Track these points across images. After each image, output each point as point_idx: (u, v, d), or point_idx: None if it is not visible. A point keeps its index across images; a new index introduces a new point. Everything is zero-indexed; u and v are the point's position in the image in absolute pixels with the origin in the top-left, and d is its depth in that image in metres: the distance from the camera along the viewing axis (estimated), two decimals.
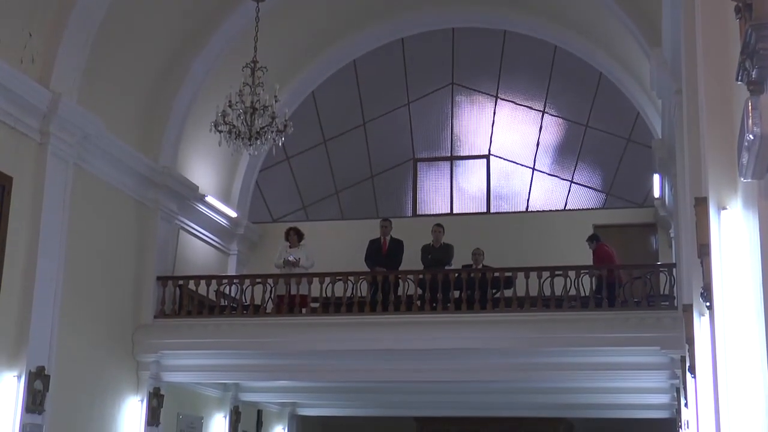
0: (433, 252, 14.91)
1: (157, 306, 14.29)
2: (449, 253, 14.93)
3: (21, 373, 11.03)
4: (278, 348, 13.82)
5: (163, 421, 14.08)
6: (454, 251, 14.94)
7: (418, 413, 17.89)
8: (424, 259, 14.84)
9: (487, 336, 13.02)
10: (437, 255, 14.83)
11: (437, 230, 15.13)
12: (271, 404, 18.10)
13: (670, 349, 12.15)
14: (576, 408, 16.72)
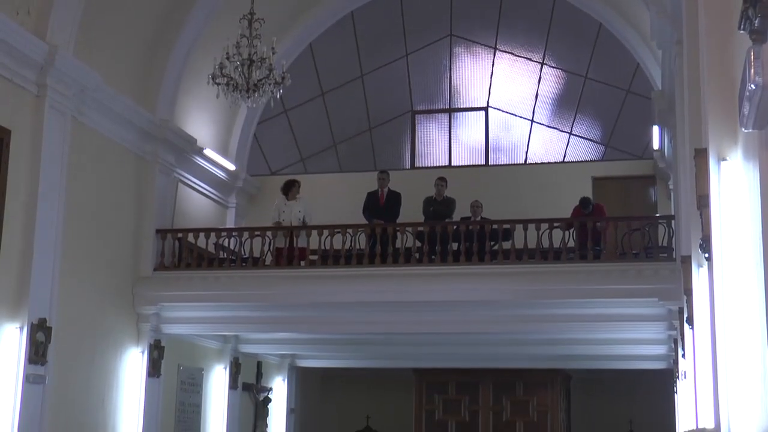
0: (435, 205, 14.93)
1: (157, 259, 14.33)
2: (451, 206, 14.95)
3: (23, 324, 11.11)
4: (277, 300, 13.88)
5: (164, 373, 14.19)
6: (456, 206, 14.97)
7: (416, 365, 18.01)
8: (425, 211, 14.86)
9: (485, 288, 13.07)
10: (439, 208, 14.85)
11: (440, 183, 15.14)
12: (270, 356, 18.22)
13: (668, 301, 12.20)
14: (573, 359, 16.84)
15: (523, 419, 17.90)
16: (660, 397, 17.18)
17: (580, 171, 17.19)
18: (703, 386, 7.22)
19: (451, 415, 18.22)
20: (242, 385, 16.86)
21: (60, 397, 11.85)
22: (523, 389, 18.02)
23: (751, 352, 4.36)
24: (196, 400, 15.54)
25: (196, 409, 15.51)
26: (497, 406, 18.05)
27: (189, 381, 15.40)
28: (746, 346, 4.40)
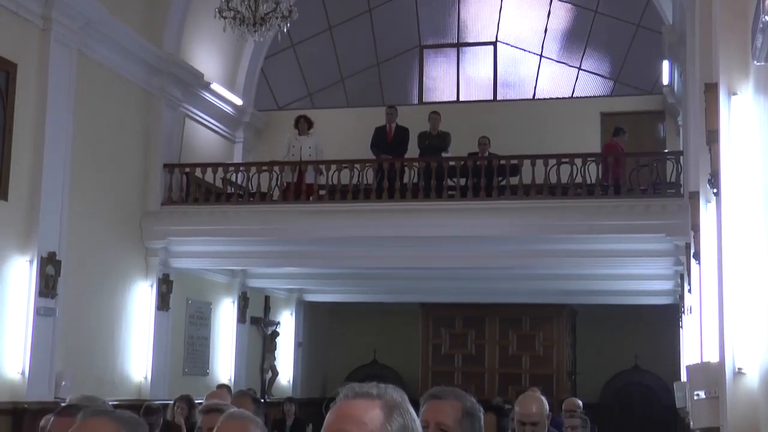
0: (430, 139, 14.89)
1: (164, 193, 14.36)
2: (446, 140, 14.92)
3: (33, 258, 11.19)
4: (285, 235, 13.93)
5: (173, 306, 14.32)
6: (451, 139, 14.92)
7: (423, 299, 18.14)
8: (421, 145, 14.85)
9: (492, 223, 13.09)
10: (434, 142, 14.82)
11: (434, 117, 15.11)
12: (278, 290, 18.35)
13: (675, 236, 12.22)
14: (580, 295, 16.94)
15: (529, 353, 18.06)
16: (665, 332, 17.29)
17: (589, 106, 17.10)
18: (709, 321, 7.27)
19: (457, 349, 18.39)
20: (250, 319, 17.01)
21: (70, 330, 11.98)
22: (529, 324, 18.16)
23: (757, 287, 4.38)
24: (204, 334, 15.70)
25: (204, 343, 15.68)
26: (503, 341, 18.21)
27: (197, 315, 15.55)
28: (752, 281, 4.42)
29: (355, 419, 2.21)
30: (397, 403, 2.26)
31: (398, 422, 2.24)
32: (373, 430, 2.20)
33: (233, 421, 3.47)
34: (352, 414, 2.22)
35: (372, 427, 2.20)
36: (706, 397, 5.67)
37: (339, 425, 2.21)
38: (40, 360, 11.14)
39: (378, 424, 2.21)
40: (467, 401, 3.43)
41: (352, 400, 2.25)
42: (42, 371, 11.16)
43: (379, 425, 2.21)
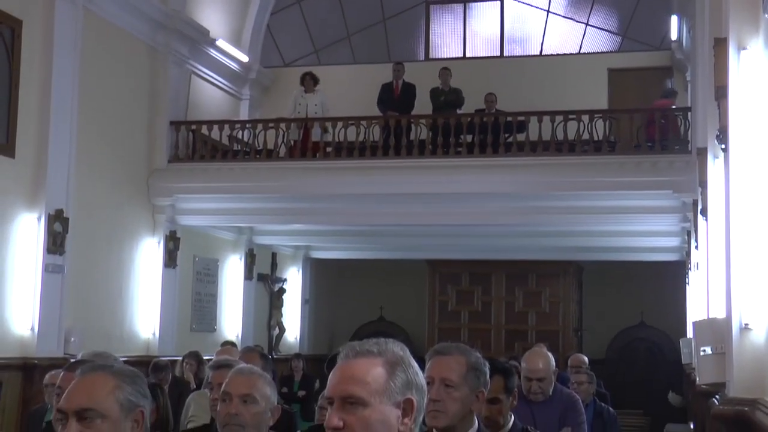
0: (444, 95, 14.83)
1: (171, 151, 14.35)
2: (460, 96, 14.87)
3: (40, 215, 11.23)
4: (291, 192, 13.94)
5: (180, 263, 14.37)
6: (464, 96, 14.88)
7: (429, 256, 18.17)
8: (435, 102, 14.78)
9: (499, 180, 13.07)
10: (449, 97, 14.76)
11: (445, 73, 15.03)
12: (285, 247, 18.39)
13: (683, 193, 12.20)
14: (586, 251, 16.96)
15: (536, 310, 18.12)
16: (671, 289, 17.32)
17: (596, 62, 17.00)
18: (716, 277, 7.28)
19: (464, 305, 18.46)
20: (257, 275, 17.07)
21: (78, 287, 12.04)
22: (535, 280, 18.20)
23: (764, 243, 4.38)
24: (212, 290, 15.77)
25: (212, 299, 15.75)
26: (510, 297, 18.26)
27: (205, 271, 15.61)
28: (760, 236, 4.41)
29: (358, 379, 2.22)
30: (399, 359, 2.27)
31: (401, 378, 2.25)
32: (376, 389, 2.21)
33: (242, 376, 3.50)
34: (354, 374, 2.23)
35: (375, 386, 2.21)
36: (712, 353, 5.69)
37: (342, 386, 2.22)
38: (49, 316, 11.22)
39: (381, 382, 2.22)
40: (472, 356, 3.44)
41: (354, 360, 2.26)
42: (51, 328, 11.24)
43: (382, 383, 2.22)
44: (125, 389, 2.52)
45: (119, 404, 2.49)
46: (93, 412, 2.44)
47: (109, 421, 2.46)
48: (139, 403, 2.56)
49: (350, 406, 2.20)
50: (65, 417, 2.46)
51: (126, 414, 2.51)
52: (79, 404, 2.44)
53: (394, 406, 2.22)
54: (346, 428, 2.19)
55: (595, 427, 7.28)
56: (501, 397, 4.06)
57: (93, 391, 2.47)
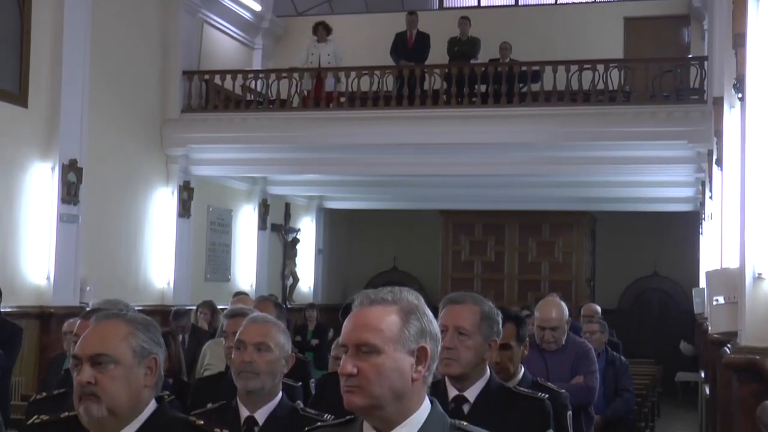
0: (460, 45, 14.72)
1: (184, 100, 14.32)
2: (476, 46, 14.76)
3: (54, 165, 11.26)
4: (304, 142, 13.92)
5: (194, 213, 14.41)
6: (481, 45, 14.77)
7: (443, 206, 18.18)
8: (450, 51, 14.68)
9: (513, 130, 13.02)
10: (464, 48, 14.65)
11: (463, 23, 14.91)
12: (298, 197, 18.42)
13: (698, 143, 12.14)
14: (600, 201, 16.94)
15: (549, 260, 18.15)
16: (684, 239, 17.31)
17: (612, 11, 16.82)
18: (729, 227, 7.27)
19: (477, 255, 18.50)
20: (271, 225, 17.12)
21: (93, 237, 12.10)
22: (549, 230, 18.20)
23: None
24: (225, 240, 15.83)
25: (226, 249, 15.82)
26: (523, 247, 18.28)
27: (218, 221, 15.66)
28: None
29: (373, 327, 2.23)
30: (413, 307, 2.28)
31: (415, 326, 2.26)
32: (390, 337, 2.22)
33: (256, 324, 3.52)
34: (369, 322, 2.24)
35: (389, 334, 2.23)
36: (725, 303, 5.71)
37: (357, 334, 2.24)
38: (65, 266, 11.30)
39: (395, 329, 2.23)
40: (485, 305, 3.46)
41: (368, 308, 2.27)
42: (67, 277, 11.33)
43: (396, 330, 2.23)
44: (138, 336, 2.54)
45: (132, 350, 2.51)
46: (106, 358, 2.47)
47: (122, 366, 2.49)
48: (152, 350, 2.58)
49: (364, 354, 2.22)
50: (80, 363, 2.49)
51: (139, 360, 2.53)
52: (92, 350, 2.47)
53: (407, 353, 2.23)
54: (360, 375, 2.21)
55: (607, 375, 7.32)
56: (512, 344, 4.08)
57: (106, 338, 2.50)
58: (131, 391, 2.52)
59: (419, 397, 2.27)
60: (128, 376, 2.51)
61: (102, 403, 2.47)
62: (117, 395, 2.49)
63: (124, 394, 2.50)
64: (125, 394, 2.51)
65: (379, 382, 2.20)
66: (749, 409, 4.41)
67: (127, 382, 2.51)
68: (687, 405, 15.68)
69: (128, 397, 2.51)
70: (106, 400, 2.47)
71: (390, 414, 2.22)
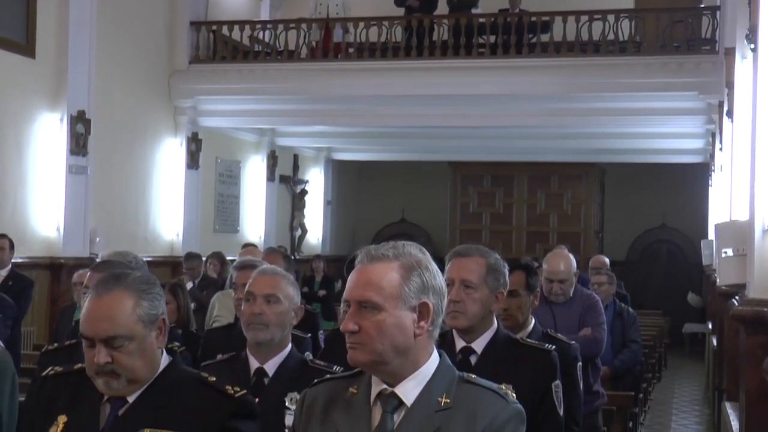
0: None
1: (192, 52, 14.25)
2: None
3: (63, 116, 11.25)
4: (313, 93, 13.87)
5: (202, 165, 14.41)
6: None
7: (452, 158, 18.15)
8: (449, 2, 14.58)
9: (522, 81, 12.94)
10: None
11: None
12: (307, 149, 18.40)
13: (708, 94, 12.06)
14: (609, 153, 16.88)
15: (557, 212, 18.15)
16: (693, 191, 17.28)
17: None
18: (739, 179, 7.25)
19: (485, 207, 18.50)
20: (279, 177, 17.13)
21: (102, 188, 12.13)
22: (557, 182, 18.18)
23: None
24: (234, 192, 15.85)
25: (234, 201, 15.85)
26: (532, 199, 18.27)
27: (227, 173, 15.67)
28: None
29: (373, 284, 2.24)
30: (415, 262, 2.28)
31: (416, 282, 2.26)
32: (391, 294, 2.23)
33: (266, 276, 3.53)
34: (370, 279, 2.25)
35: (390, 291, 2.23)
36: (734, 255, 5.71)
37: (358, 291, 2.25)
38: (75, 217, 11.34)
39: (396, 286, 2.24)
40: (491, 258, 3.46)
41: (369, 265, 2.27)
42: (76, 228, 11.37)
43: (397, 287, 2.24)
44: (143, 305, 2.53)
45: (142, 322, 2.52)
46: (120, 338, 2.48)
47: (136, 340, 2.50)
48: (158, 312, 2.58)
49: (365, 311, 2.23)
50: (92, 343, 2.50)
51: (149, 328, 2.54)
52: (105, 333, 2.48)
53: (409, 310, 2.24)
54: (362, 332, 2.22)
55: (615, 327, 7.36)
56: (521, 292, 4.08)
57: (115, 317, 2.49)
58: (147, 358, 2.55)
59: (426, 350, 2.28)
60: (142, 347, 2.53)
61: (121, 377, 2.50)
62: (135, 367, 2.52)
63: (141, 363, 2.53)
64: (142, 363, 2.53)
65: (380, 339, 2.21)
66: (756, 360, 4.43)
67: (142, 352, 2.53)
68: (694, 356, 15.77)
69: (145, 364, 2.54)
70: (125, 374, 2.51)
71: (395, 368, 2.24)
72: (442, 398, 2.24)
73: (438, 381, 2.26)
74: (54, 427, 2.56)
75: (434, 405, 2.23)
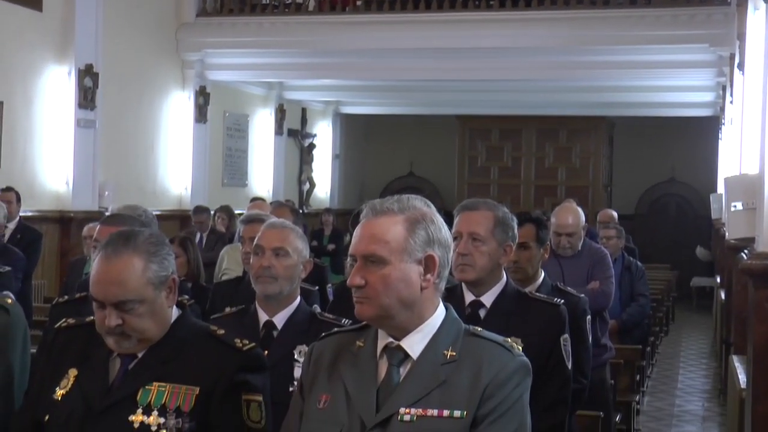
0: None
1: (199, 4, 14.15)
2: None
3: (70, 69, 11.21)
4: (321, 46, 13.79)
5: (210, 119, 14.38)
6: None
7: (460, 111, 18.08)
8: None
9: (531, 33, 12.83)
10: None
11: None
12: (315, 102, 18.35)
13: (719, 46, 11.95)
14: (618, 107, 16.79)
15: (566, 165, 18.12)
16: (703, 145, 17.22)
17: None
18: (750, 132, 7.21)
19: (493, 161, 18.48)
20: (287, 131, 17.10)
21: (111, 142, 12.12)
22: (566, 136, 18.12)
23: None
24: (242, 146, 15.84)
25: (242, 155, 15.84)
26: (540, 153, 18.24)
27: (235, 127, 15.64)
28: None
29: (379, 238, 2.23)
30: (420, 216, 2.28)
31: (422, 235, 2.26)
32: (396, 247, 2.23)
33: (274, 229, 3.53)
34: (374, 234, 2.24)
35: (395, 245, 2.23)
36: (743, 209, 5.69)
37: (364, 246, 2.25)
38: (84, 171, 11.35)
39: (401, 240, 2.24)
40: (499, 211, 3.46)
41: (374, 219, 2.27)
42: (85, 182, 11.39)
43: (402, 241, 2.24)
44: (152, 267, 2.52)
45: (152, 284, 2.52)
46: (130, 302, 2.48)
47: (146, 302, 2.51)
48: (168, 273, 2.57)
49: (371, 265, 2.23)
50: (102, 305, 2.50)
51: (159, 288, 2.54)
52: (115, 297, 2.48)
53: (415, 263, 2.24)
54: (368, 286, 2.22)
55: (623, 280, 7.37)
56: (531, 244, 4.08)
57: (125, 281, 2.48)
58: (158, 318, 2.55)
59: (432, 304, 2.29)
60: (153, 308, 2.53)
61: (132, 337, 2.52)
62: (147, 328, 2.53)
63: (152, 323, 2.54)
64: (153, 323, 2.54)
65: (386, 293, 2.22)
66: (764, 314, 4.44)
67: (153, 312, 2.53)
68: (701, 310, 15.80)
69: (155, 324, 2.55)
70: (137, 334, 2.52)
71: (401, 322, 2.25)
72: (448, 351, 2.24)
73: (444, 334, 2.27)
74: (65, 380, 2.58)
75: (440, 358, 2.24)
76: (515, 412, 2.19)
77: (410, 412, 2.18)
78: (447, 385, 2.20)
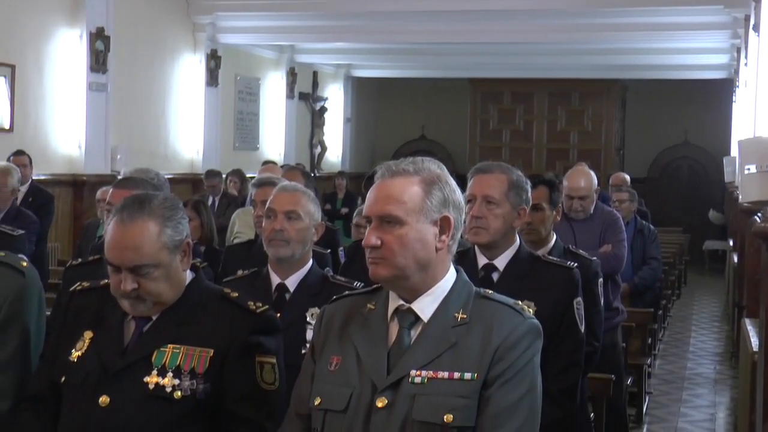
0: None
1: None
2: None
3: (82, 32, 11.18)
4: (332, 9, 13.69)
5: (222, 82, 14.34)
6: None
7: (471, 74, 18.00)
8: None
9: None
10: None
11: None
12: (326, 66, 18.28)
13: (734, 8, 11.81)
14: (631, 69, 16.69)
15: (578, 128, 18.05)
16: (716, 108, 17.12)
17: None
18: (764, 94, 7.16)
19: (505, 124, 18.42)
20: (299, 94, 17.05)
21: (122, 105, 12.11)
22: (578, 99, 18.04)
23: None
24: (254, 109, 15.81)
25: (254, 118, 15.82)
26: (552, 116, 18.17)
27: (246, 90, 15.61)
28: None
29: (395, 199, 2.23)
30: (435, 177, 2.28)
31: (438, 196, 2.26)
32: (413, 208, 2.23)
33: (286, 193, 3.53)
34: (391, 194, 2.24)
35: (412, 205, 2.23)
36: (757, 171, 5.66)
37: (380, 206, 2.24)
38: (96, 134, 11.35)
39: (417, 200, 2.24)
40: (513, 174, 3.46)
41: (390, 179, 2.27)
42: (98, 145, 11.40)
43: (418, 201, 2.24)
44: (167, 232, 2.54)
45: (167, 249, 2.53)
46: (146, 267, 2.50)
47: (161, 266, 2.52)
48: (182, 236, 2.59)
49: (387, 225, 2.23)
50: (118, 269, 2.52)
51: (174, 252, 2.56)
52: (131, 262, 2.49)
53: (430, 223, 2.25)
54: (384, 247, 2.22)
55: (635, 244, 7.36)
56: (544, 206, 4.10)
57: (140, 246, 2.50)
58: (172, 282, 2.58)
59: (444, 266, 2.29)
60: (168, 272, 2.55)
61: (147, 301, 2.54)
62: (162, 291, 2.55)
63: (167, 287, 2.56)
64: (168, 286, 2.56)
65: (402, 253, 2.22)
66: None
67: (168, 276, 2.55)
68: (714, 273, 15.80)
69: (170, 287, 2.57)
70: (152, 298, 2.54)
71: (415, 283, 2.25)
72: (459, 314, 2.25)
73: (455, 297, 2.28)
74: (80, 342, 2.61)
75: (451, 320, 2.24)
76: (526, 374, 2.20)
77: (421, 374, 2.19)
78: (458, 348, 2.21)
